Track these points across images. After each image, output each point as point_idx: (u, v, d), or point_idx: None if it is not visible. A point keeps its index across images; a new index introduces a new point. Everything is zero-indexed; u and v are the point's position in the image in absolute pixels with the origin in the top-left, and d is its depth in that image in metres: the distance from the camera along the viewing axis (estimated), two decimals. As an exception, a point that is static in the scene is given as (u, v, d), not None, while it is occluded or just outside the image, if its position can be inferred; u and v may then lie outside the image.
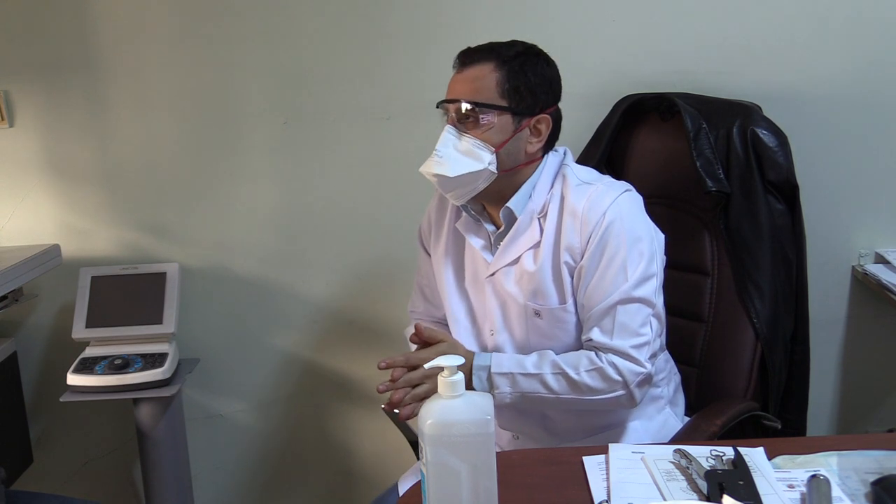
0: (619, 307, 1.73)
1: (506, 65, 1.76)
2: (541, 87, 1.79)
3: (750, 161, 2.09)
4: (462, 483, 1.27)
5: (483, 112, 1.75)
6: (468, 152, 1.74)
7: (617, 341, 1.72)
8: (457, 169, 1.74)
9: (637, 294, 1.74)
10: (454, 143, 1.75)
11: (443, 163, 1.74)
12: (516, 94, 1.76)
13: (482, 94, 1.75)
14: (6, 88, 2.51)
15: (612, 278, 1.73)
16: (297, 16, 2.43)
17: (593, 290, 1.74)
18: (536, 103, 1.79)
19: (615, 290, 1.73)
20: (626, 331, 1.73)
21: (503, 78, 1.75)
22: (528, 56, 1.79)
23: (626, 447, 1.55)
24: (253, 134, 2.52)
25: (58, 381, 2.38)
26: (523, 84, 1.76)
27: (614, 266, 1.74)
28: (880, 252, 2.43)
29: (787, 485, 1.40)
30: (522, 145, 1.79)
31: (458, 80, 1.78)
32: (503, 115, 1.76)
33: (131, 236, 2.58)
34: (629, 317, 1.74)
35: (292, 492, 2.73)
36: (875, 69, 2.36)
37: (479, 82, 1.76)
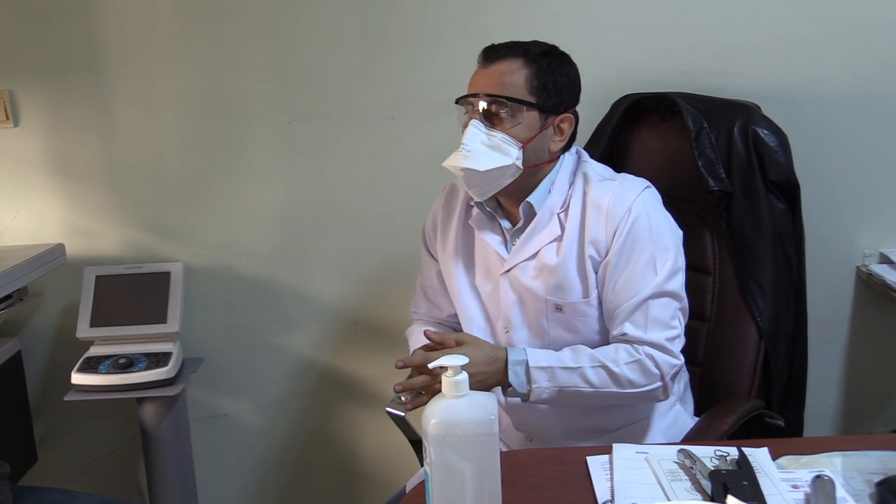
0: (651, 301, 1.73)
1: (534, 62, 1.76)
2: (566, 86, 1.80)
3: (751, 160, 2.09)
4: (466, 483, 1.26)
5: (513, 107, 1.74)
6: (496, 147, 1.74)
7: (652, 334, 1.72)
8: (486, 163, 1.73)
9: (667, 288, 1.75)
10: (481, 137, 1.74)
11: (471, 157, 1.73)
12: (544, 92, 1.76)
13: (511, 88, 1.75)
14: (11, 88, 2.51)
15: (641, 273, 1.74)
16: (301, 16, 2.43)
17: (623, 285, 1.74)
18: (561, 102, 1.79)
19: (646, 284, 1.73)
20: (659, 324, 1.74)
21: (532, 75, 1.75)
22: (553, 56, 1.79)
23: (631, 447, 1.54)
24: (257, 134, 2.51)
25: (62, 380, 2.38)
26: (551, 82, 1.77)
27: (643, 261, 1.74)
28: (885, 252, 2.42)
29: (792, 485, 1.40)
30: (546, 143, 1.79)
31: (484, 74, 1.77)
32: (531, 111, 1.75)
33: (136, 236, 2.58)
34: (661, 310, 1.74)
35: (296, 491, 2.72)
36: (875, 69, 2.35)
37: (507, 77, 1.75)
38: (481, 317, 1.92)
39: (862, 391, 2.55)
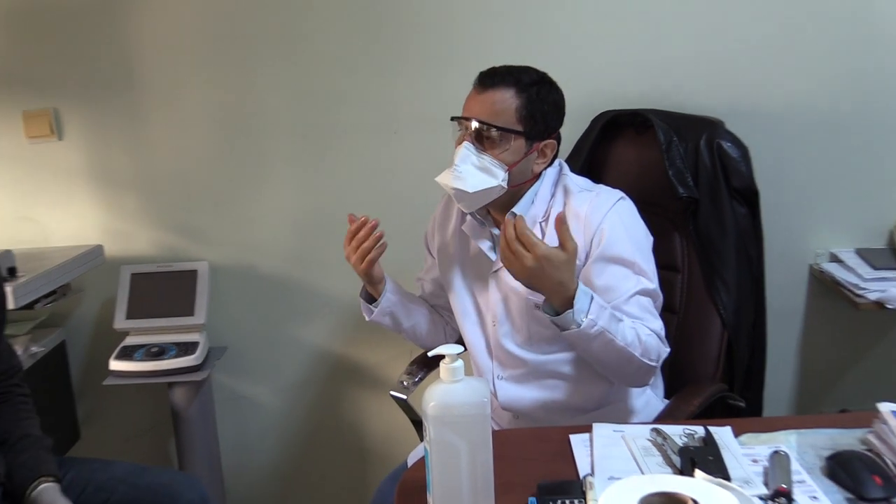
0: (638, 297, 1.72)
1: (524, 91, 1.74)
2: (551, 113, 1.79)
3: (716, 170, 2.09)
4: (461, 458, 1.26)
5: (502, 135, 1.73)
6: (484, 169, 1.73)
7: (649, 323, 1.71)
8: (475, 185, 1.72)
9: (649, 287, 1.75)
10: (472, 159, 1.73)
11: (462, 178, 1.72)
12: (531, 120, 1.75)
13: (502, 117, 1.74)
14: (56, 106, 2.50)
15: (622, 276, 1.73)
16: (314, 42, 2.42)
17: (605, 287, 1.72)
18: (547, 129, 1.78)
19: (628, 284, 1.72)
20: (651, 315, 1.73)
21: (521, 105, 1.74)
22: (542, 84, 1.78)
23: (608, 426, 1.54)
24: (274, 146, 2.51)
25: (101, 366, 2.38)
26: (538, 111, 1.76)
27: (623, 264, 1.73)
28: (834, 252, 2.42)
29: (752, 459, 1.40)
30: (530, 165, 1.79)
31: (479, 100, 1.76)
32: (518, 139, 1.75)
33: (166, 237, 2.58)
34: (648, 304, 1.74)
35: (309, 465, 2.72)
36: (825, 90, 2.35)
37: (499, 105, 1.74)
38: (473, 311, 1.93)
39: (814, 375, 2.55)
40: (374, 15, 2.40)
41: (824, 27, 2.32)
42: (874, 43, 2.32)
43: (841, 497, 1.29)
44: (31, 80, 2.48)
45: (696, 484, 0.96)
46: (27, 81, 2.48)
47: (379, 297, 1.93)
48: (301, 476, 2.73)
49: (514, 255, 1.57)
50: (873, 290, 2.18)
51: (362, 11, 2.40)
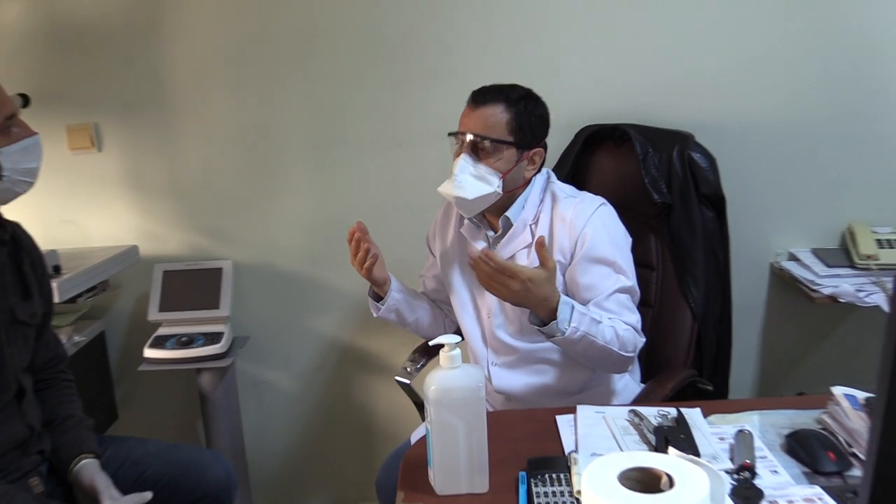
0: (618, 294, 1.72)
1: (514, 106, 1.75)
2: (538, 125, 1.79)
3: (687, 178, 2.10)
4: (459, 436, 1.27)
5: (495, 145, 1.74)
6: (481, 177, 1.73)
7: (626, 317, 1.71)
8: (473, 192, 1.73)
9: (627, 284, 1.74)
10: (469, 169, 1.73)
11: (461, 187, 1.73)
12: (521, 132, 1.75)
13: (494, 130, 1.74)
14: (96, 121, 2.50)
15: (605, 274, 1.73)
16: (325, 63, 2.42)
17: (589, 284, 1.73)
18: (535, 139, 1.79)
19: (609, 282, 1.72)
20: (628, 310, 1.73)
21: (511, 118, 1.74)
22: (529, 99, 1.78)
23: (591, 408, 1.54)
24: (291, 157, 2.51)
25: (137, 354, 2.38)
26: (526, 123, 1.76)
27: (605, 263, 1.73)
28: (793, 252, 2.42)
29: (719, 437, 1.41)
30: (522, 171, 1.79)
31: (472, 115, 1.76)
32: (509, 148, 1.75)
33: (194, 238, 2.57)
34: (626, 301, 1.74)
35: (322, 442, 2.72)
36: (787, 105, 2.36)
37: (491, 119, 1.74)
38: (470, 305, 1.93)
39: (774, 362, 2.56)
40: (379, 40, 2.40)
41: (783, 53, 2.33)
42: (828, 65, 2.33)
43: (798, 471, 1.30)
44: (75, 97, 2.48)
45: (669, 460, 0.96)
46: (71, 99, 2.48)
47: (385, 296, 1.94)
48: (315, 452, 2.73)
49: (501, 284, 1.57)
50: (827, 286, 2.19)
51: (369, 37, 2.40)
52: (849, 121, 2.36)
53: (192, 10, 2.41)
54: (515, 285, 1.55)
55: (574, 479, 1.26)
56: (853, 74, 2.33)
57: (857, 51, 2.32)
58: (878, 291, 2.14)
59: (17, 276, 1.63)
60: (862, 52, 2.32)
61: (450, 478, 1.29)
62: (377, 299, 1.96)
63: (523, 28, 2.36)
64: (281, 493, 2.76)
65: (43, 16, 2.42)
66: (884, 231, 2.32)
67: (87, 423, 1.73)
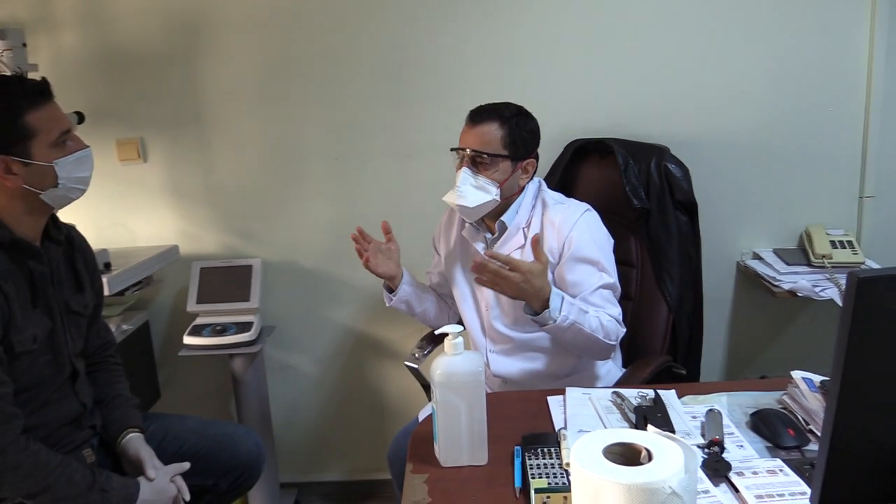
0: (601, 290, 1.72)
1: (507, 123, 1.75)
2: (530, 139, 1.79)
3: (663, 186, 2.09)
4: (461, 415, 1.27)
5: (492, 159, 1.73)
6: (480, 187, 1.74)
7: (609, 310, 1.71)
8: (474, 201, 1.74)
9: (610, 281, 1.74)
10: (470, 181, 1.74)
11: (463, 196, 1.74)
12: (514, 146, 1.75)
13: (490, 145, 1.74)
14: (143, 136, 2.50)
15: (589, 272, 1.73)
16: (344, 84, 2.42)
17: (575, 281, 1.73)
18: (527, 151, 1.79)
19: (594, 279, 1.72)
20: (611, 304, 1.73)
21: (505, 134, 1.75)
22: (520, 116, 1.78)
23: (578, 390, 1.54)
24: (313, 167, 2.50)
25: (177, 341, 2.37)
26: (519, 138, 1.76)
27: (589, 263, 1.73)
28: (757, 251, 2.42)
29: (692, 416, 1.41)
30: (516, 180, 1.79)
31: (471, 133, 1.76)
32: (505, 161, 1.75)
33: (228, 239, 2.57)
34: (609, 296, 1.74)
35: (340, 420, 2.72)
36: (752, 121, 2.36)
37: (487, 136, 1.74)
38: (470, 299, 1.93)
39: (739, 349, 2.55)
40: (392, 63, 2.39)
41: (747, 77, 2.33)
42: (786, 88, 2.33)
43: (762, 446, 1.30)
44: (123, 114, 2.47)
45: (648, 436, 0.95)
46: (120, 115, 2.47)
47: (396, 289, 1.94)
48: (333, 428, 2.73)
49: (504, 279, 1.58)
50: (787, 282, 2.19)
51: (383, 60, 2.40)
52: (806, 136, 2.36)
53: (227, 37, 2.41)
54: (517, 277, 1.56)
55: (563, 452, 1.26)
56: (808, 96, 2.34)
57: (811, 75, 2.32)
58: (832, 287, 2.14)
59: (72, 272, 1.63)
60: (815, 77, 2.32)
61: (453, 451, 1.28)
62: (390, 291, 1.96)
63: (519, 54, 2.36)
64: (303, 464, 2.76)
65: (96, 43, 2.42)
66: (836, 233, 2.33)
67: (133, 402, 1.73)
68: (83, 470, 1.45)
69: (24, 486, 1.38)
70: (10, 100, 1.41)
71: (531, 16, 2.34)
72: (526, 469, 1.23)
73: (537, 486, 1.16)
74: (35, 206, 1.49)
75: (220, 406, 2.72)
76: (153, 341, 2.61)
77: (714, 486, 1.16)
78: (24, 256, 1.46)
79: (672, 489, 0.86)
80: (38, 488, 1.39)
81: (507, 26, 2.35)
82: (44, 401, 1.52)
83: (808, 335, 2.49)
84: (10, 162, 1.42)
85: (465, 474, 1.27)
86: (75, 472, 1.43)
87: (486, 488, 1.22)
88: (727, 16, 2.30)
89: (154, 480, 1.54)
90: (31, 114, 1.43)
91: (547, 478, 1.19)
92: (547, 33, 2.35)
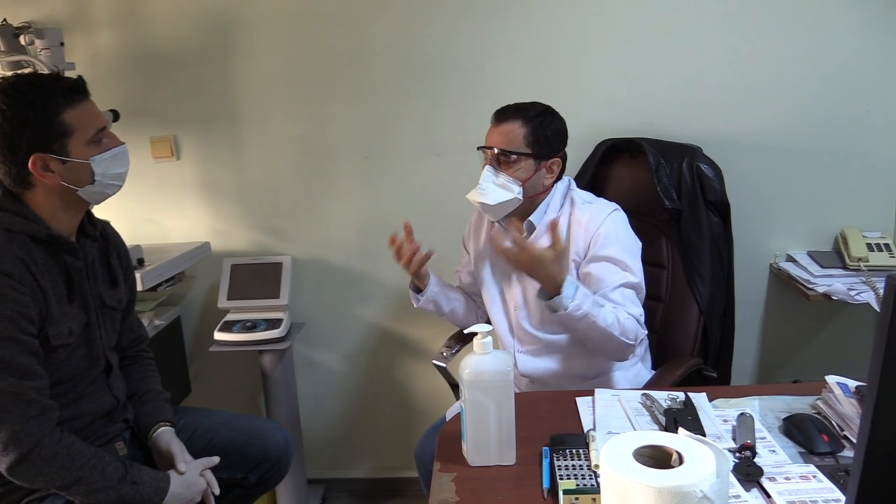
0: (623, 288, 1.71)
1: (530, 122, 1.74)
2: (554, 138, 1.78)
3: (695, 187, 2.07)
4: (490, 414, 1.26)
5: (514, 157, 1.73)
6: (503, 185, 1.74)
7: (630, 309, 1.70)
8: (495, 198, 1.73)
9: (634, 281, 1.73)
10: (493, 178, 1.74)
11: (485, 194, 1.74)
12: (538, 144, 1.74)
13: (513, 143, 1.74)
14: (176, 134, 2.53)
15: (613, 270, 1.71)
16: (373, 83, 2.43)
17: (598, 279, 1.71)
18: (552, 150, 1.77)
19: (616, 277, 1.71)
20: (632, 303, 1.72)
21: (528, 132, 1.74)
22: (545, 115, 1.77)
23: (608, 391, 1.53)
24: (342, 165, 2.51)
25: (208, 336, 2.40)
26: (543, 136, 1.75)
27: (613, 262, 1.72)
28: (790, 253, 2.38)
29: (723, 419, 1.39)
30: (540, 180, 1.78)
31: (495, 132, 1.77)
32: (528, 159, 1.74)
33: (258, 236, 2.59)
34: (630, 295, 1.72)
35: (367, 417, 2.73)
36: (786, 120, 2.32)
37: (511, 135, 1.74)
38: (499, 299, 1.92)
39: (772, 353, 2.51)
40: (421, 62, 2.40)
41: (782, 74, 2.29)
42: (823, 85, 2.29)
43: (795, 451, 1.28)
44: (157, 113, 2.51)
45: (679, 439, 0.94)
46: (154, 114, 2.51)
47: (424, 289, 1.94)
48: (360, 425, 2.74)
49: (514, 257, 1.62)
50: (821, 285, 2.15)
51: (412, 59, 2.40)
52: (841, 136, 2.32)
53: (258, 36, 2.43)
54: (524, 257, 1.61)
55: (592, 454, 1.25)
56: (845, 96, 2.29)
57: (848, 75, 2.28)
58: (867, 290, 2.10)
59: (106, 268, 1.66)
60: (852, 77, 2.28)
61: (481, 451, 1.28)
62: (417, 291, 1.96)
63: (549, 52, 2.35)
64: (330, 460, 2.78)
65: (131, 43, 2.46)
66: (873, 235, 2.28)
67: (164, 396, 1.75)
68: (115, 462, 1.47)
69: (58, 477, 1.40)
70: (48, 98, 1.43)
71: (561, 14, 2.32)
72: (554, 470, 1.22)
73: (566, 487, 1.15)
74: (72, 203, 1.51)
75: (249, 401, 2.75)
76: (184, 337, 2.64)
77: (745, 492, 1.15)
78: (60, 252, 1.49)
79: (703, 493, 0.85)
80: (71, 480, 1.41)
81: (537, 25, 2.33)
82: (78, 394, 1.54)
83: (842, 340, 2.44)
84: (48, 159, 1.44)
85: (493, 474, 1.26)
86: (108, 464, 1.45)
87: (513, 488, 1.22)
88: (762, 13, 2.26)
89: (184, 474, 1.56)
90: (68, 112, 1.45)
91: (575, 479, 1.19)
92: (577, 32, 2.33)
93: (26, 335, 1.39)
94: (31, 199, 1.48)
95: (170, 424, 1.68)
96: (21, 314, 1.37)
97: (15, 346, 1.37)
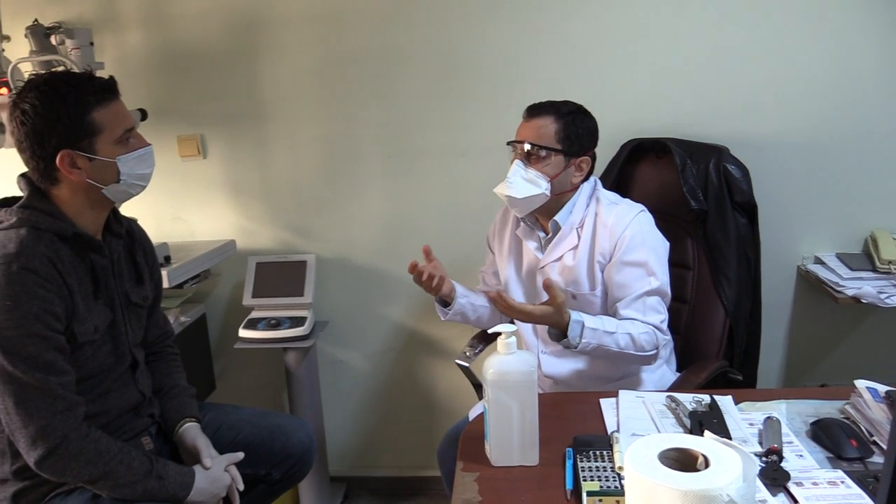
0: (646, 297, 1.70)
1: (562, 118, 1.74)
2: (585, 136, 1.77)
3: (722, 187, 2.05)
4: (513, 414, 1.26)
5: (544, 152, 1.72)
6: (531, 180, 1.73)
7: (650, 318, 1.69)
8: (522, 192, 1.73)
9: (658, 287, 1.71)
10: (521, 173, 1.74)
11: (513, 187, 1.73)
12: (568, 141, 1.74)
13: (544, 139, 1.73)
14: (202, 133, 2.55)
15: (638, 275, 1.70)
16: (398, 83, 2.43)
17: (623, 283, 1.71)
18: (582, 148, 1.77)
19: (642, 283, 1.70)
20: (654, 311, 1.70)
21: (560, 128, 1.74)
22: (578, 113, 1.77)
23: (632, 393, 1.52)
24: (367, 165, 2.52)
25: (233, 334, 2.42)
26: (573, 134, 1.74)
27: (637, 265, 1.71)
28: (818, 255, 2.34)
29: (749, 423, 1.37)
30: (569, 177, 1.77)
31: (526, 126, 1.76)
32: (557, 155, 1.74)
33: (283, 235, 2.61)
34: (654, 302, 1.71)
35: (389, 416, 2.74)
36: (814, 120, 2.28)
37: (542, 130, 1.74)
38: (523, 298, 1.91)
39: (799, 356, 2.47)
40: (446, 62, 2.39)
41: (811, 73, 2.25)
42: (852, 84, 2.25)
43: (822, 456, 1.26)
44: (184, 112, 2.53)
45: (704, 441, 0.93)
46: (181, 113, 2.53)
47: (452, 303, 1.92)
48: (383, 424, 2.75)
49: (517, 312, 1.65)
50: (850, 288, 2.11)
51: (437, 59, 2.40)
52: (871, 137, 2.27)
53: (284, 36, 2.44)
54: (526, 319, 1.65)
55: (616, 456, 1.24)
56: (874, 96, 2.25)
57: (877, 75, 2.23)
58: (898, 293, 2.06)
59: (132, 265, 1.67)
60: (881, 76, 2.23)
61: (504, 451, 1.28)
62: (444, 305, 1.95)
63: (574, 52, 2.33)
64: (352, 458, 2.79)
65: (159, 43, 2.49)
66: (904, 238, 2.24)
67: (190, 392, 1.77)
68: (141, 457, 1.48)
69: (85, 471, 1.42)
70: (79, 96, 1.45)
71: (586, 14, 2.31)
72: (577, 471, 1.21)
73: (589, 488, 1.15)
74: (97, 201, 1.53)
75: (273, 399, 2.77)
76: (209, 333, 2.66)
77: (772, 496, 1.13)
78: (85, 249, 1.51)
79: (730, 497, 0.83)
80: (98, 474, 1.43)
81: (562, 24, 2.32)
82: (105, 389, 1.56)
83: (871, 344, 2.40)
84: (76, 156, 1.46)
85: (516, 474, 1.26)
86: (134, 459, 1.47)
87: (536, 489, 1.21)
88: (789, 12, 2.23)
89: (210, 469, 1.57)
90: (97, 111, 1.47)
91: (599, 481, 1.18)
92: (602, 31, 2.31)
93: (53, 331, 1.40)
94: (58, 196, 1.50)
95: (195, 420, 1.69)
96: (47, 311, 1.39)
97: (42, 343, 1.39)
